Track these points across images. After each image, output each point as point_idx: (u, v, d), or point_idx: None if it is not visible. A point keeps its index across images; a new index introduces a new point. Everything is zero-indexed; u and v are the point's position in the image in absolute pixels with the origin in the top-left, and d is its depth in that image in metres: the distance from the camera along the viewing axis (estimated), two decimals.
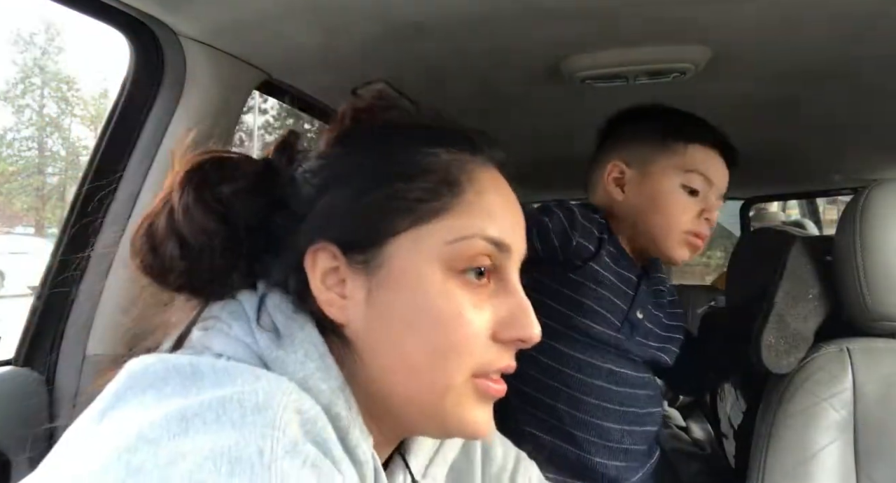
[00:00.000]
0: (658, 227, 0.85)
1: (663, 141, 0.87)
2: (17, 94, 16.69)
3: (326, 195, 0.42)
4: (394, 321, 0.40)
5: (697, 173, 0.85)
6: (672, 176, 0.85)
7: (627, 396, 0.84)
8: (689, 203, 0.85)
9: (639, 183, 0.87)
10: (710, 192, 0.86)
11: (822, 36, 0.92)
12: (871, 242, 0.77)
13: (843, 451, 0.74)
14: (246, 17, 0.85)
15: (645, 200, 0.86)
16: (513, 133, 1.58)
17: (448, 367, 0.40)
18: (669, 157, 0.86)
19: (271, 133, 15.15)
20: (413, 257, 0.40)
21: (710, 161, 0.87)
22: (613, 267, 0.85)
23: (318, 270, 0.41)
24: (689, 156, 0.86)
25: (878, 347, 0.79)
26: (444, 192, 0.42)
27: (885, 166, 1.77)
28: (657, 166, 0.86)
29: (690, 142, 0.86)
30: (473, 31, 0.92)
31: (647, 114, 0.92)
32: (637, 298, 0.86)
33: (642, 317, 0.86)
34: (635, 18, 0.88)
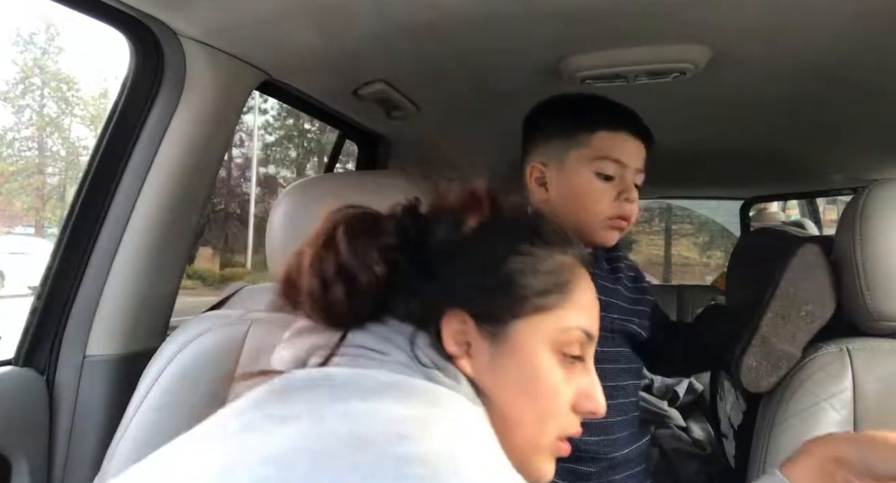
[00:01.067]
0: (580, 218, 0.88)
1: (570, 134, 0.89)
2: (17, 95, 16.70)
3: (460, 267, 0.51)
4: (510, 384, 0.50)
5: (608, 160, 0.87)
6: (584, 167, 0.87)
7: (603, 372, 0.86)
8: (604, 189, 0.87)
9: (557, 179, 0.90)
10: (625, 173, 0.88)
11: (821, 36, 0.92)
12: (871, 242, 0.77)
13: None
14: (246, 17, 0.85)
15: (564, 195, 0.89)
16: (513, 133, 1.58)
17: (546, 427, 0.50)
18: (577, 148, 0.88)
19: (271, 133, 15.17)
20: (531, 338, 0.50)
21: (618, 144, 0.88)
22: None
23: (451, 328, 0.50)
24: (595, 144, 0.87)
25: (878, 347, 0.79)
26: (559, 290, 0.52)
27: (885, 166, 1.77)
28: (569, 160, 0.89)
29: (595, 130, 0.88)
30: (473, 31, 0.92)
31: (551, 109, 0.95)
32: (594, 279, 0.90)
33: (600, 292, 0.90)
34: (635, 18, 0.88)
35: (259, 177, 14.52)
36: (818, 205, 3.38)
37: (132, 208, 0.92)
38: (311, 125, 14.03)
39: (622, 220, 0.88)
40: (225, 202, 13.23)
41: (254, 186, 14.08)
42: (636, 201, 0.89)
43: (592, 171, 0.87)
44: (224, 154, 1.05)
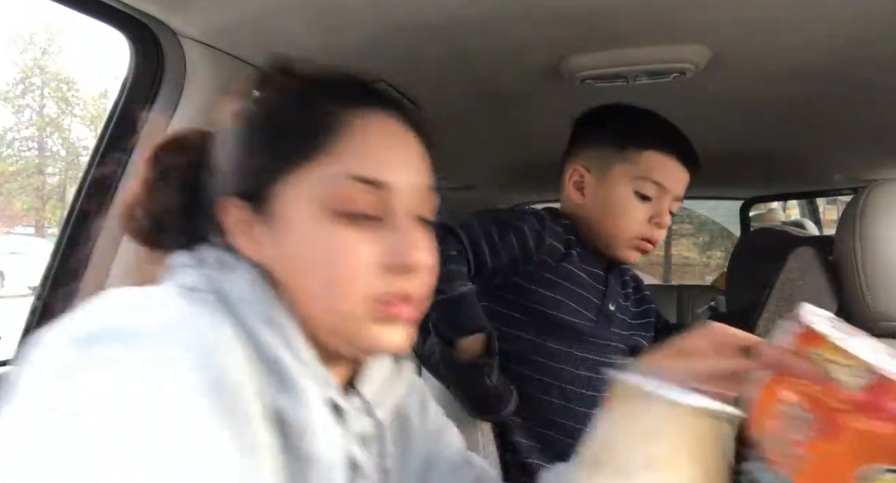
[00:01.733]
0: (609, 231, 0.88)
1: (620, 147, 0.89)
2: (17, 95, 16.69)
3: (227, 153, 0.48)
4: (293, 260, 0.46)
5: (651, 181, 0.87)
6: (625, 183, 0.88)
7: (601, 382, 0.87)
8: (640, 209, 0.87)
9: (595, 188, 0.90)
10: (663, 197, 0.88)
11: (821, 36, 0.92)
12: (871, 242, 0.77)
13: None
14: (246, 17, 0.85)
15: (599, 205, 0.89)
16: (513, 133, 1.58)
17: (340, 295, 0.45)
18: (624, 164, 0.88)
19: None
20: (293, 203, 0.46)
21: (664, 167, 0.88)
22: (582, 265, 0.90)
23: (230, 221, 0.47)
24: (642, 163, 0.88)
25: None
26: (317, 139, 0.46)
27: (885, 166, 1.77)
28: (613, 173, 0.89)
29: (646, 148, 0.88)
30: (473, 31, 0.92)
31: (608, 116, 0.95)
32: (608, 292, 0.91)
33: (615, 308, 0.91)
34: (635, 18, 0.88)
35: None
36: (818, 205, 3.38)
37: None
38: None
39: (647, 243, 0.88)
40: None
41: None
42: (666, 227, 0.89)
43: (633, 188, 0.87)
44: None
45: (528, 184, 2.19)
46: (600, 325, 0.89)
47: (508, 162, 1.93)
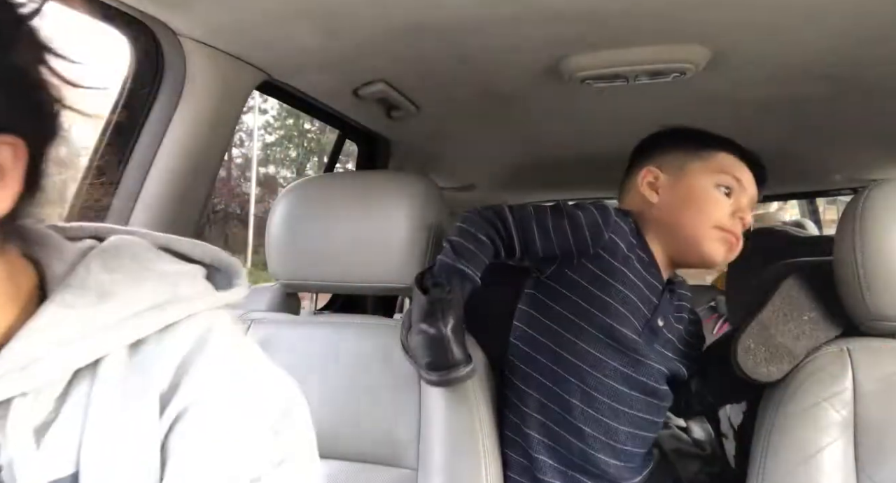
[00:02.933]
0: (692, 222, 0.88)
1: (694, 149, 0.91)
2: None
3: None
4: None
5: (729, 174, 0.89)
6: (705, 176, 0.89)
7: (638, 401, 0.86)
8: (721, 200, 0.88)
9: (672, 185, 0.91)
10: (741, 194, 0.89)
11: (821, 36, 0.92)
12: (871, 242, 0.77)
13: (843, 451, 0.74)
14: (246, 17, 0.85)
15: (679, 199, 0.89)
16: (513, 133, 1.58)
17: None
18: (702, 161, 0.90)
19: (271, 133, 15.17)
20: None
21: (739, 167, 0.91)
22: (642, 272, 0.88)
23: None
24: (719, 160, 0.90)
25: (878, 347, 0.79)
26: None
27: (885, 166, 1.77)
28: (690, 169, 0.90)
29: (721, 150, 0.91)
30: (473, 30, 0.92)
31: (675, 132, 0.97)
32: (660, 306, 0.89)
33: (663, 325, 0.89)
34: (635, 18, 0.88)
35: (259, 177, 14.52)
36: (818, 205, 3.38)
37: (132, 208, 0.92)
38: (311, 125, 14.03)
39: (733, 236, 0.88)
40: (225, 202, 13.23)
41: (254, 186, 14.09)
42: (748, 226, 0.90)
43: (713, 181, 0.89)
44: (224, 154, 1.05)
45: (528, 184, 2.19)
46: (644, 338, 0.86)
47: (508, 162, 1.93)
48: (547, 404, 0.85)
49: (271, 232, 0.97)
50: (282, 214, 0.96)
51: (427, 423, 0.83)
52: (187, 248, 0.48)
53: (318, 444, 0.52)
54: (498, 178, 2.13)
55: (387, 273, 0.91)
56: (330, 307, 1.62)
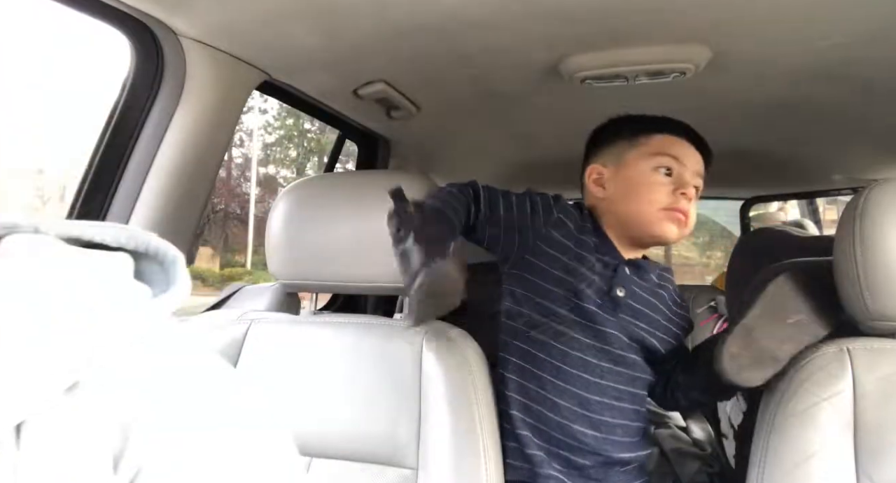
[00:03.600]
0: (637, 208, 0.91)
1: (631, 138, 0.94)
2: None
3: None
4: None
5: (666, 155, 0.91)
6: (642, 162, 0.92)
7: (608, 371, 0.89)
8: (661, 182, 0.91)
9: (615, 178, 0.95)
10: (682, 170, 0.91)
11: (821, 36, 0.92)
12: (871, 242, 0.77)
13: (843, 451, 0.74)
14: (246, 18, 0.85)
15: (622, 190, 0.93)
16: (513, 133, 1.58)
17: None
18: (638, 148, 0.93)
19: (271, 133, 15.17)
20: None
21: (677, 145, 0.92)
22: (594, 250, 0.93)
23: None
24: (655, 143, 0.92)
25: (878, 347, 0.79)
26: None
27: (885, 166, 1.77)
28: (629, 158, 0.93)
29: (654, 133, 0.93)
30: (473, 31, 0.92)
31: (616, 122, 1.00)
32: (617, 277, 0.92)
33: (623, 294, 0.91)
34: (635, 18, 0.88)
35: (259, 177, 14.53)
36: (818, 205, 3.38)
37: (132, 208, 0.92)
38: (311, 125, 14.03)
39: (679, 213, 0.90)
40: (225, 202, 13.23)
41: (254, 186, 14.09)
42: (693, 201, 0.92)
43: (651, 165, 0.91)
44: (224, 154, 1.05)
45: (528, 184, 2.19)
46: (605, 309, 0.90)
47: (508, 162, 1.93)
48: (523, 383, 0.90)
49: (271, 232, 0.96)
50: (282, 214, 0.96)
51: (427, 423, 0.83)
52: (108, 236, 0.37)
53: (318, 444, 0.50)
54: (498, 177, 2.13)
55: (387, 273, 0.91)
56: (330, 307, 1.62)
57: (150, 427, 0.32)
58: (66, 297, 0.31)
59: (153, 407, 0.32)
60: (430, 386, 0.85)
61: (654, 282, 0.97)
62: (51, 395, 0.29)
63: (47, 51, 14.95)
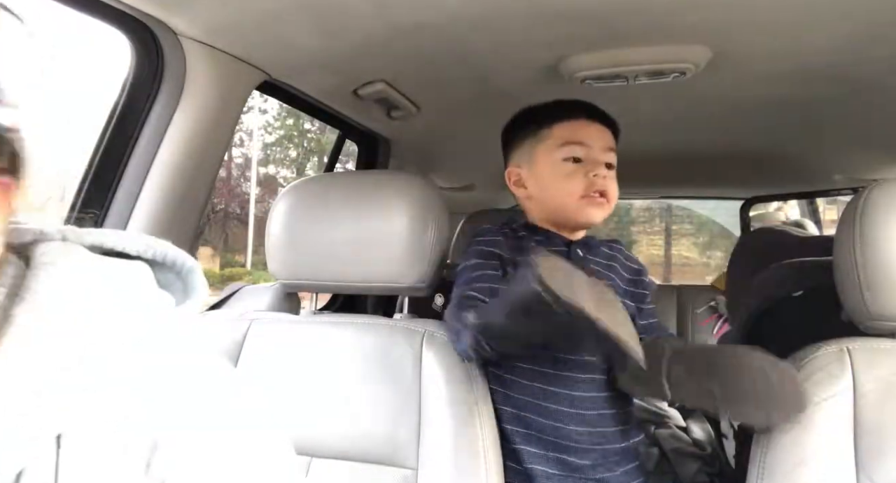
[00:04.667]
0: (557, 201, 0.93)
1: (533, 133, 0.95)
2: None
3: None
4: None
5: (571, 143, 0.91)
6: (549, 155, 0.93)
7: (590, 364, 0.89)
8: (573, 169, 0.91)
9: (530, 176, 0.96)
10: (590, 152, 0.92)
11: (821, 37, 0.92)
12: (871, 242, 0.77)
13: (843, 451, 0.74)
14: (246, 18, 0.85)
15: (539, 186, 0.95)
16: None
17: None
18: (541, 142, 0.94)
19: (271, 133, 15.16)
20: None
21: (577, 129, 0.93)
22: (545, 249, 0.93)
23: None
24: (556, 134, 0.93)
25: (878, 347, 0.79)
26: None
27: (885, 166, 1.77)
28: (538, 154, 0.94)
29: (553, 123, 0.93)
30: (473, 31, 0.92)
31: (515, 121, 1.01)
32: (572, 260, 0.94)
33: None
34: (635, 18, 0.88)
35: (259, 177, 14.53)
36: (818, 205, 3.38)
37: (132, 208, 0.92)
38: (311, 125, 14.03)
39: (598, 196, 0.91)
40: (225, 202, 13.23)
41: (254, 186, 14.09)
42: (610, 177, 0.92)
43: (559, 157, 0.92)
44: (224, 154, 1.05)
45: None
46: None
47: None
48: (510, 394, 0.89)
49: (271, 232, 0.97)
50: (282, 214, 0.96)
51: (427, 423, 0.83)
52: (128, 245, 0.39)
53: (318, 444, 0.51)
54: (498, 178, 2.12)
55: (387, 273, 0.91)
56: (330, 307, 1.62)
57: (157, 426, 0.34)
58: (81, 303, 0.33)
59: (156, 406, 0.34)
60: (430, 386, 0.85)
61: (606, 254, 0.99)
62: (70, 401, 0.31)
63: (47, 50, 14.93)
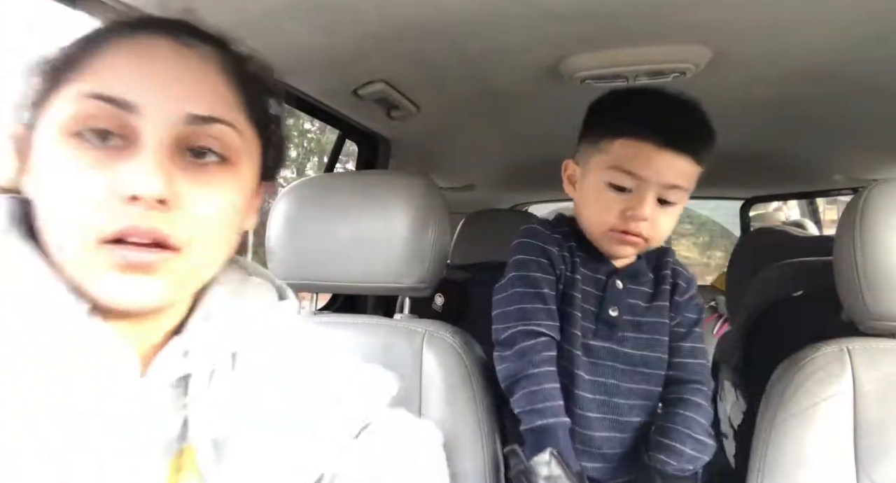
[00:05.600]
0: (587, 222, 0.85)
1: (597, 139, 0.84)
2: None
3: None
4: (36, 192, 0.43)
5: (621, 170, 0.80)
6: (599, 173, 0.82)
7: (629, 375, 0.85)
8: (612, 201, 0.81)
9: (581, 181, 0.87)
10: (642, 187, 0.79)
11: (821, 37, 0.92)
12: (871, 242, 0.77)
13: (843, 451, 0.74)
14: (246, 18, 0.85)
15: (582, 198, 0.86)
16: (513, 133, 1.58)
17: (59, 228, 0.41)
18: (599, 154, 0.83)
19: None
20: (41, 132, 0.42)
21: (638, 155, 0.79)
22: (584, 270, 0.86)
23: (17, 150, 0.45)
24: (613, 153, 0.81)
25: (878, 347, 0.79)
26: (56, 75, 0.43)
27: (885, 166, 1.77)
28: (591, 164, 0.84)
29: (618, 137, 0.81)
30: (473, 31, 0.92)
31: (594, 108, 0.89)
32: (607, 297, 0.86)
33: (617, 314, 0.85)
34: (635, 18, 0.88)
35: None
36: (818, 205, 3.38)
37: None
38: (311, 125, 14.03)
39: (630, 236, 0.81)
40: None
41: None
42: (650, 220, 0.80)
43: (605, 180, 0.81)
44: None
45: (528, 184, 2.19)
46: (599, 332, 0.85)
47: (508, 162, 1.93)
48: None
49: (271, 232, 0.96)
50: (282, 214, 0.96)
51: None
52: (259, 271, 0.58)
53: None
54: (498, 178, 2.13)
55: (387, 273, 0.91)
56: (330, 307, 1.62)
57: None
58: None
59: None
60: (431, 386, 0.85)
61: (651, 279, 0.90)
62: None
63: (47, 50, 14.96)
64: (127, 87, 0.41)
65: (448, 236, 0.98)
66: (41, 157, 0.42)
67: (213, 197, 0.44)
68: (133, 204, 0.40)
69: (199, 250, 0.43)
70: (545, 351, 0.80)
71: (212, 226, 0.44)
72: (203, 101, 0.43)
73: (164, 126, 0.42)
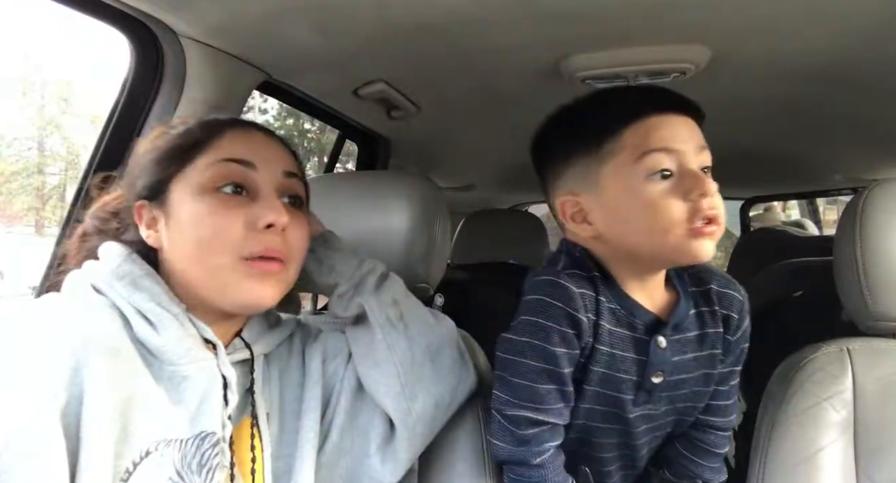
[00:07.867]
0: (650, 238, 0.65)
1: (595, 147, 0.68)
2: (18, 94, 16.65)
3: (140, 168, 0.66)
4: (179, 234, 0.61)
5: (653, 152, 0.64)
6: (629, 174, 0.65)
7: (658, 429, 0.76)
8: (663, 191, 0.64)
9: (600, 206, 0.68)
10: (682, 159, 0.65)
11: (821, 37, 0.92)
12: (871, 242, 0.77)
13: (844, 451, 0.74)
14: (246, 18, 0.85)
15: (619, 221, 0.67)
16: (513, 133, 1.58)
17: (212, 253, 0.59)
18: (611, 158, 0.67)
19: None
20: (182, 190, 0.61)
21: (659, 129, 0.65)
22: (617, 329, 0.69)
23: (143, 220, 0.64)
24: (627, 143, 0.66)
25: (878, 347, 0.79)
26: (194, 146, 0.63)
27: (885, 166, 1.77)
28: (606, 177, 0.67)
29: (623, 128, 0.66)
30: (473, 31, 0.92)
31: (560, 126, 0.74)
32: (651, 362, 0.69)
33: (660, 380, 0.70)
34: (635, 18, 0.88)
35: None
36: (818, 205, 3.38)
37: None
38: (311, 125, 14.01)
39: (708, 223, 0.63)
40: None
41: None
42: (715, 192, 0.64)
43: (643, 174, 0.64)
44: None
45: (528, 184, 2.19)
46: (637, 400, 0.71)
47: (508, 162, 1.93)
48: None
49: None
50: None
51: None
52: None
53: None
54: (498, 178, 2.13)
55: None
56: None
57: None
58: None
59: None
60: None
61: (696, 322, 0.72)
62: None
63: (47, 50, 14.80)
64: (247, 153, 0.63)
65: (448, 236, 0.98)
66: (183, 210, 0.60)
67: (300, 227, 0.66)
68: (268, 231, 0.60)
69: (294, 265, 0.65)
70: (551, 440, 0.70)
71: (300, 247, 0.66)
72: (289, 164, 0.66)
73: (271, 178, 0.63)
